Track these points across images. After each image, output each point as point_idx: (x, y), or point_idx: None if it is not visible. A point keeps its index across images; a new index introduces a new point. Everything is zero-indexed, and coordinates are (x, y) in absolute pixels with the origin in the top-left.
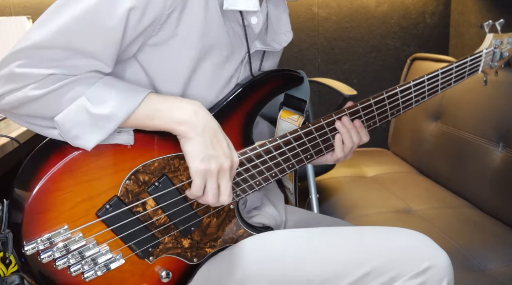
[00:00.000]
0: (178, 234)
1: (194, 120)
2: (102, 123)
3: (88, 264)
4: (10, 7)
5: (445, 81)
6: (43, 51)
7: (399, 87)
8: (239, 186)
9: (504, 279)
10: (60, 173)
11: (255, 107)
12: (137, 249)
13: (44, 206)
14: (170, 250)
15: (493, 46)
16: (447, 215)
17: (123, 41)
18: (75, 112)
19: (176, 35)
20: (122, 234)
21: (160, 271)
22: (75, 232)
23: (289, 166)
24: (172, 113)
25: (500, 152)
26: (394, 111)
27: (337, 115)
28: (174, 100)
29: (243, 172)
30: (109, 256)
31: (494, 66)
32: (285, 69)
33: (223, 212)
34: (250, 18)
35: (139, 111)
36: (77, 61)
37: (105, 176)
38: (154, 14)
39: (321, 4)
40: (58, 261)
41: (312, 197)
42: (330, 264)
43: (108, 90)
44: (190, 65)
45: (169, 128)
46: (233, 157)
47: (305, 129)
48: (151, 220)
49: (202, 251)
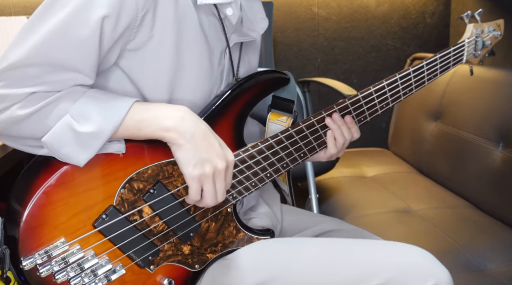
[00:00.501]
0: (177, 241)
1: (182, 126)
2: (90, 141)
3: (88, 276)
4: (10, 7)
5: (431, 73)
6: (22, 69)
7: (385, 80)
8: (235, 188)
9: (504, 279)
10: (53, 186)
11: (243, 110)
12: (136, 258)
13: (40, 220)
14: (170, 258)
15: (475, 35)
16: (447, 215)
17: (101, 49)
18: (61, 131)
19: (152, 37)
20: (120, 244)
21: (162, 280)
22: (72, 244)
23: (283, 166)
24: (159, 121)
25: (500, 152)
26: (384, 104)
27: (327, 112)
28: (160, 107)
29: (237, 174)
30: (109, 267)
31: (478, 55)
32: (271, 70)
33: (221, 216)
34: (226, 10)
35: (126, 123)
36: (57, 76)
37: (99, 186)
38: (128, 18)
39: (321, 4)
40: (57, 275)
41: (312, 197)
42: (334, 279)
43: (92, 105)
44: (171, 66)
45: (157, 136)
46: (227, 156)
47: (296, 128)
48: (148, 227)
49: (203, 257)
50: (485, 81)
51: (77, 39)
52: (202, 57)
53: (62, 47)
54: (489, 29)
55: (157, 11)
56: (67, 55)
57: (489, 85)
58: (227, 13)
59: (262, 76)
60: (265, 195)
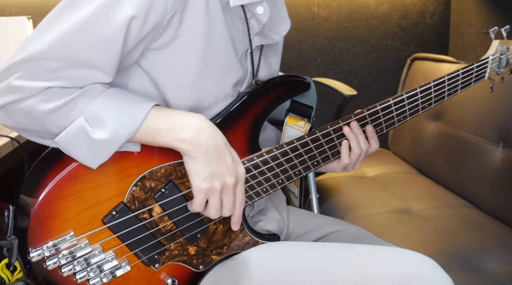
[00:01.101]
0: (184, 241)
1: (197, 138)
2: (104, 146)
3: (93, 271)
4: (10, 7)
5: (452, 88)
6: (40, 62)
7: (405, 93)
8: (246, 193)
9: (504, 279)
10: (65, 179)
11: (261, 114)
12: (143, 256)
13: (50, 213)
14: (176, 257)
15: (499, 52)
16: (447, 215)
17: (124, 49)
18: (74, 135)
19: (178, 37)
20: (128, 241)
21: (165, 278)
22: (81, 239)
23: (296, 173)
24: (175, 132)
25: (500, 152)
26: (401, 118)
27: (344, 122)
28: (177, 116)
29: (249, 179)
30: (115, 263)
31: (501, 72)
32: (291, 75)
33: (229, 219)
34: (256, 9)
35: (141, 130)
36: (75, 72)
37: (111, 182)
38: (156, 19)
39: (321, 4)
40: (64, 268)
41: (312, 197)
42: (336, 284)
43: (109, 108)
44: (195, 68)
45: (172, 146)
46: (238, 171)
47: (312, 136)
48: (157, 227)
49: (208, 259)
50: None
51: (101, 36)
52: (227, 60)
53: (84, 42)
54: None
55: (185, 12)
56: (89, 51)
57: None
58: (257, 12)
59: (282, 81)
60: (273, 198)
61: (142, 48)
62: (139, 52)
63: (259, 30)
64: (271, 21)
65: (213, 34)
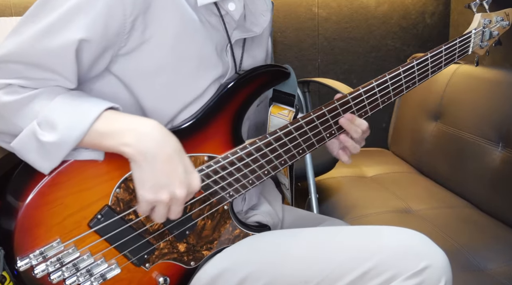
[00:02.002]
0: (173, 239)
1: (141, 144)
2: (52, 151)
3: (83, 276)
4: (10, 7)
5: (436, 65)
6: (5, 64)
7: (388, 74)
8: (232, 186)
9: (504, 279)
10: (48, 186)
11: (243, 105)
12: (132, 257)
13: (35, 221)
14: (166, 256)
15: (482, 25)
16: (447, 215)
17: (81, 62)
18: (26, 138)
19: (146, 40)
20: (116, 243)
21: (157, 277)
22: (68, 245)
23: (282, 163)
24: (120, 136)
25: (500, 152)
26: (385, 99)
27: (327, 108)
28: (127, 120)
29: (235, 172)
30: (105, 266)
31: (484, 45)
32: (270, 64)
33: (218, 214)
34: (227, 5)
35: (90, 134)
36: (37, 74)
37: (95, 186)
38: (117, 25)
39: (321, 4)
40: (53, 275)
41: (311, 197)
42: (328, 264)
43: (61, 112)
44: (169, 65)
45: (118, 151)
46: (191, 183)
47: (296, 124)
48: (144, 227)
49: (198, 254)
50: (485, 81)
51: (51, 49)
52: (202, 56)
53: (39, 51)
54: (497, 19)
55: (149, 14)
56: (45, 59)
57: (489, 85)
58: (229, 9)
59: (262, 70)
60: (268, 195)
61: (110, 56)
62: (106, 60)
63: (236, 25)
64: (251, 14)
65: (185, 32)
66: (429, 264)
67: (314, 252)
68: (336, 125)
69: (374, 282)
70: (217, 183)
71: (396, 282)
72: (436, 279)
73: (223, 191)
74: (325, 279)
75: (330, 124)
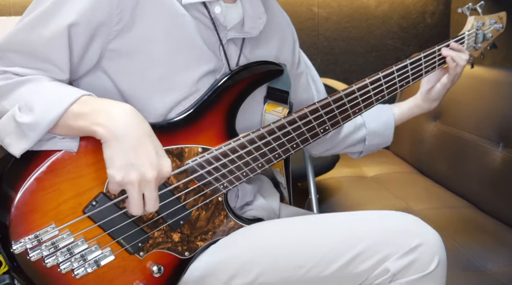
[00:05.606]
0: (167, 228)
1: (112, 124)
2: (27, 132)
3: (77, 261)
4: (10, 7)
5: (429, 65)
6: (4, 53)
7: (381, 72)
8: (226, 178)
9: (504, 279)
10: (45, 172)
11: (236, 100)
12: (126, 245)
13: (31, 206)
14: (160, 245)
15: (475, 28)
16: (447, 215)
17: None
18: (6, 121)
19: (135, 37)
20: (110, 230)
21: (151, 266)
22: (62, 229)
23: (275, 156)
24: (93, 116)
25: (500, 152)
26: (379, 96)
27: (320, 103)
28: (104, 103)
29: (228, 163)
30: (98, 252)
31: (478, 47)
32: (263, 61)
33: (212, 205)
34: (214, 8)
35: (65, 117)
36: (31, 64)
37: (90, 173)
38: (103, 14)
39: (321, 4)
40: (47, 259)
41: (312, 197)
42: (321, 248)
43: (41, 96)
44: (161, 61)
45: (90, 131)
46: (162, 166)
47: (289, 118)
48: None
49: (193, 245)
50: (485, 81)
51: (45, 35)
52: (194, 48)
53: (35, 38)
54: (491, 21)
55: (137, 10)
56: (39, 46)
57: (489, 85)
58: (215, 11)
59: (255, 67)
60: (265, 193)
61: (99, 48)
62: (96, 53)
63: (232, 26)
64: (249, 18)
65: (175, 27)
66: (421, 242)
67: (306, 237)
68: (330, 121)
69: (368, 262)
70: (211, 174)
71: (390, 261)
72: (430, 258)
73: (217, 182)
74: (320, 262)
75: (324, 119)
